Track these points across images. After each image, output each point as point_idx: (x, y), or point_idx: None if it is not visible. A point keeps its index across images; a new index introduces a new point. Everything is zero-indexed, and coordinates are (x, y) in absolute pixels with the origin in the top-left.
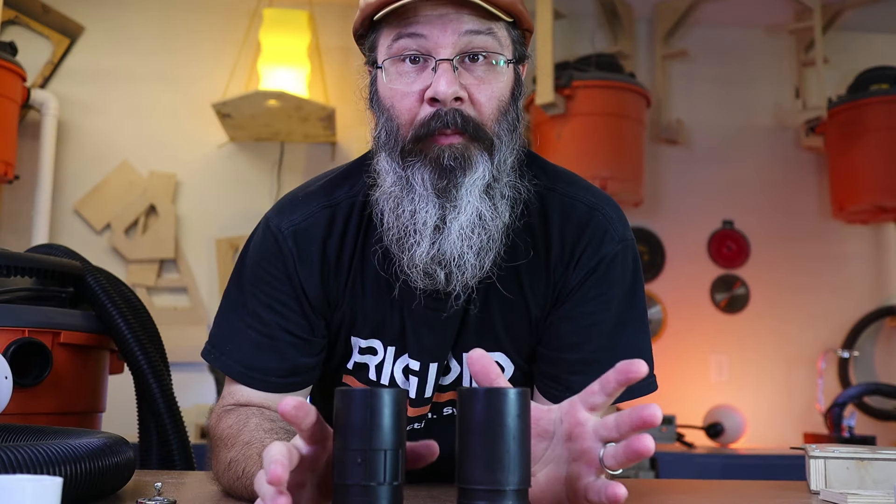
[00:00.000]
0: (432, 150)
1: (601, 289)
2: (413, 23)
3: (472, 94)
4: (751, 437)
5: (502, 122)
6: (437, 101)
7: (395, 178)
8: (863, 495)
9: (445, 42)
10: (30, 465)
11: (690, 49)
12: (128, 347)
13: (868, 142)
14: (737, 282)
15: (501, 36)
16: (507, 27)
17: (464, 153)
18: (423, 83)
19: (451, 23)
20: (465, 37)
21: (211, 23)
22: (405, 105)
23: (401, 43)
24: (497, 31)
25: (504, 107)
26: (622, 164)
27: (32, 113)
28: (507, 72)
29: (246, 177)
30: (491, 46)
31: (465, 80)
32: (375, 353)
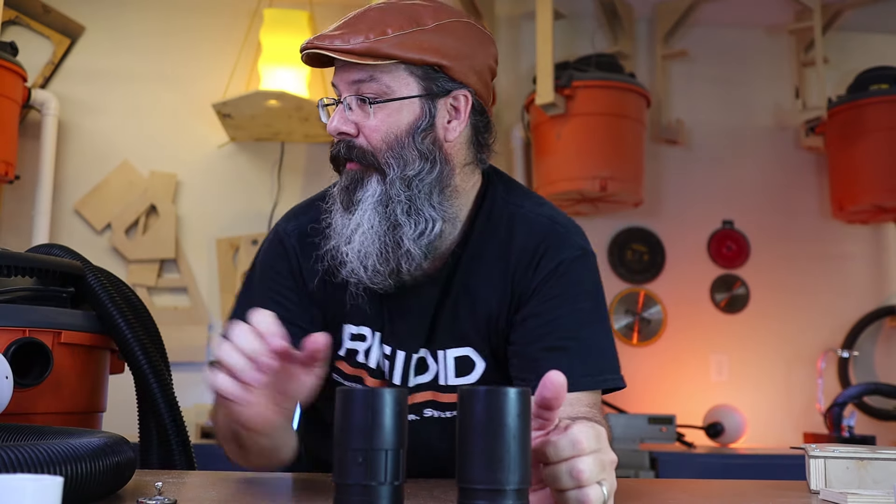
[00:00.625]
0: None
1: (562, 288)
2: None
3: (360, 127)
4: (751, 437)
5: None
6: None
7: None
8: (863, 495)
9: (343, 88)
10: (30, 465)
11: (690, 49)
12: (128, 347)
13: (868, 142)
14: (737, 282)
15: (389, 78)
16: (406, 67)
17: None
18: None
19: (344, 73)
20: (353, 84)
21: (211, 23)
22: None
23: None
24: (382, 76)
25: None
26: (622, 164)
27: (33, 113)
28: (402, 107)
29: (246, 177)
30: (375, 90)
31: (355, 117)
32: (364, 339)
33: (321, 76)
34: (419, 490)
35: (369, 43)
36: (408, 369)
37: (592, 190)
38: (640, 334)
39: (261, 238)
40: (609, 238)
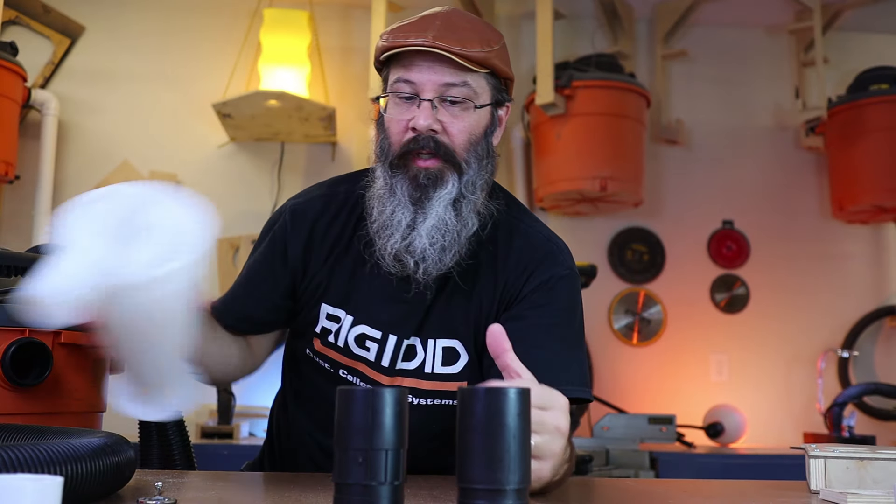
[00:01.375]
0: (412, 169)
1: (547, 299)
2: (409, 71)
3: (446, 127)
4: (751, 437)
5: (472, 152)
6: (416, 129)
7: (383, 184)
8: (863, 495)
9: (429, 87)
10: (30, 464)
11: (690, 49)
12: None
13: (868, 142)
14: (737, 282)
15: (477, 85)
16: (486, 77)
17: (437, 174)
18: (410, 115)
19: (434, 74)
20: (443, 86)
21: (211, 23)
22: (396, 129)
23: (399, 84)
24: (472, 81)
25: (475, 140)
26: (622, 164)
27: (33, 113)
28: (481, 113)
29: (246, 177)
30: (464, 94)
31: (441, 116)
32: (339, 320)
33: (321, 76)
34: (419, 490)
35: (484, 53)
36: (397, 354)
37: (592, 190)
38: (640, 334)
39: None
40: (609, 238)
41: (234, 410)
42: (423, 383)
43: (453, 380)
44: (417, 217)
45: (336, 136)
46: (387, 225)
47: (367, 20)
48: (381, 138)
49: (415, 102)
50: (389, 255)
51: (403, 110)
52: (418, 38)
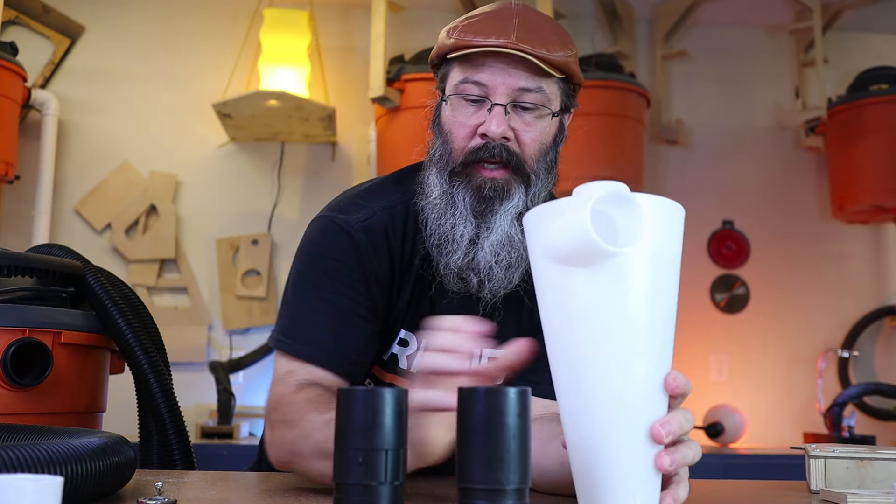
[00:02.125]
0: (476, 178)
1: None
2: (479, 71)
3: (518, 135)
4: (751, 437)
5: (541, 162)
6: (487, 136)
7: (441, 193)
8: (863, 495)
9: (502, 91)
10: (30, 465)
11: (690, 49)
12: (128, 347)
13: (868, 142)
14: (737, 282)
15: (550, 91)
16: (557, 82)
17: (503, 186)
18: (478, 119)
19: (509, 77)
20: (517, 91)
21: (211, 23)
22: (461, 134)
23: (466, 86)
24: (546, 88)
25: (545, 149)
26: (622, 164)
27: (33, 113)
28: (553, 121)
29: (246, 177)
30: (539, 101)
31: (513, 123)
32: (408, 345)
33: (321, 76)
34: (419, 490)
35: (565, 58)
36: None
37: None
38: None
39: (261, 238)
40: None
41: (234, 410)
42: None
43: None
44: (481, 231)
45: (336, 136)
46: (448, 239)
47: (367, 20)
48: (440, 142)
49: (483, 106)
50: (453, 273)
51: (470, 114)
52: (500, 39)
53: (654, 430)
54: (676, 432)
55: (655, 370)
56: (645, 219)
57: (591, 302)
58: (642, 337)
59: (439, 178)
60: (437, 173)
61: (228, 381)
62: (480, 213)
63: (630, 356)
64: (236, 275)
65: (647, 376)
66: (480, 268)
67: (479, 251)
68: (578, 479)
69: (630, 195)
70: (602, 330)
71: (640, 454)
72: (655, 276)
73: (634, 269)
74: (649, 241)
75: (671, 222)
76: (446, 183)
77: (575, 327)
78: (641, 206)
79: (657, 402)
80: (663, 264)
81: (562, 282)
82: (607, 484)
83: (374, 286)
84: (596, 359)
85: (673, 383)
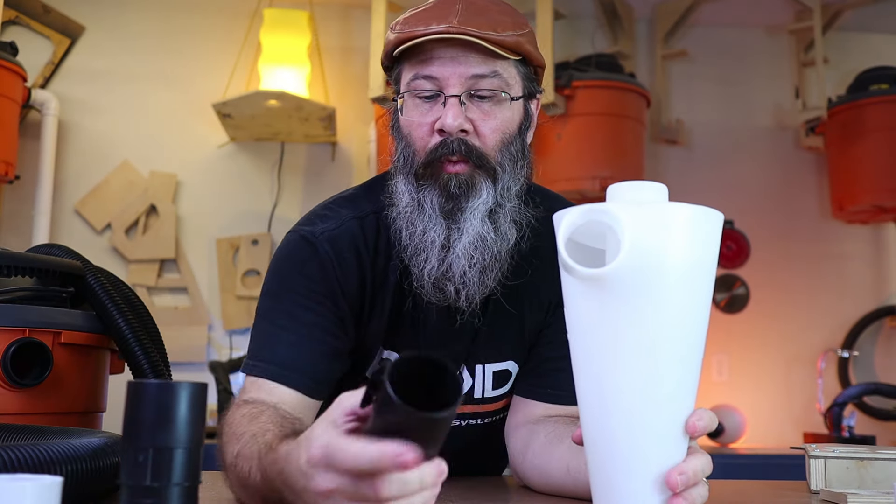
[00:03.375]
0: (441, 176)
1: None
2: (428, 65)
3: (477, 126)
4: (751, 437)
5: (506, 153)
6: (444, 131)
7: (409, 199)
8: (863, 495)
9: (454, 81)
10: (30, 465)
11: (690, 49)
12: (128, 347)
13: (868, 142)
14: (737, 282)
15: (508, 75)
16: (515, 65)
17: (468, 180)
18: (434, 116)
19: (459, 66)
20: (471, 79)
21: (211, 23)
22: (419, 133)
23: (417, 82)
24: (502, 71)
25: (508, 139)
26: (622, 164)
27: (33, 113)
28: (514, 107)
29: (246, 177)
30: (496, 86)
31: (471, 114)
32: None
33: (321, 76)
34: None
35: (516, 37)
36: None
37: (592, 190)
38: None
39: (261, 238)
40: None
41: None
42: (468, 408)
43: (503, 398)
44: (452, 233)
45: (336, 136)
46: (420, 248)
47: (367, 20)
48: (402, 147)
49: (438, 101)
50: (429, 283)
51: (425, 111)
52: (441, 25)
53: (671, 480)
54: (691, 482)
55: (681, 390)
56: (625, 236)
57: (607, 317)
58: (667, 355)
59: (406, 184)
60: (404, 180)
61: (228, 381)
62: (449, 212)
63: (654, 376)
64: (236, 275)
65: (671, 396)
66: (455, 275)
67: (453, 256)
68: (596, 489)
69: (607, 212)
70: (625, 346)
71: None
72: (682, 294)
73: (664, 287)
74: (681, 254)
75: (708, 233)
76: (413, 188)
77: (596, 341)
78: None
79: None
80: (694, 281)
81: (578, 295)
82: (624, 496)
83: (341, 300)
84: (618, 377)
85: (692, 427)
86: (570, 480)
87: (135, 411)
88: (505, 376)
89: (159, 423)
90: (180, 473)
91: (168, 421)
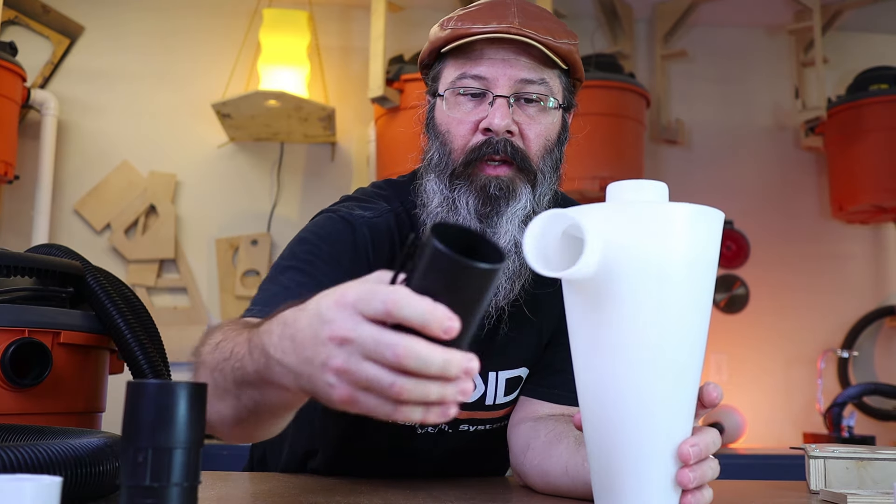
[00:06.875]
0: (479, 178)
1: None
2: (477, 64)
3: (522, 129)
4: (750, 437)
5: (547, 160)
6: (490, 130)
7: (441, 199)
8: (862, 495)
9: (504, 83)
10: (30, 465)
11: (690, 49)
12: (128, 347)
13: (867, 142)
14: (736, 282)
15: (553, 84)
16: (559, 75)
17: (509, 185)
18: (479, 115)
19: (510, 68)
20: (520, 83)
21: (211, 23)
22: (461, 131)
23: (465, 81)
24: (549, 80)
25: (550, 146)
26: (622, 164)
27: (32, 113)
28: (556, 115)
29: (246, 177)
30: (543, 92)
31: (517, 116)
32: None
33: (320, 76)
34: (418, 490)
35: (569, 46)
36: None
37: (592, 190)
38: None
39: (261, 238)
40: None
41: None
42: (478, 414)
43: (513, 404)
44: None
45: (336, 136)
46: None
47: (366, 20)
48: (437, 144)
49: (484, 100)
50: None
51: (469, 110)
52: (501, 24)
53: (683, 451)
54: (703, 454)
55: (683, 382)
56: (590, 240)
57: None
58: (670, 349)
59: (439, 183)
60: (437, 179)
61: None
62: (485, 215)
63: (655, 374)
64: (236, 275)
65: (674, 390)
66: None
67: None
68: (598, 486)
69: (569, 216)
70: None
71: (663, 464)
72: (674, 294)
73: (667, 285)
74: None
75: (709, 232)
76: (447, 188)
77: (600, 341)
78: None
79: (683, 416)
80: (694, 278)
81: (569, 296)
82: (627, 493)
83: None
84: (621, 377)
85: (708, 396)
86: (568, 480)
87: (134, 411)
88: (517, 382)
89: (159, 423)
90: (180, 473)
91: (167, 421)
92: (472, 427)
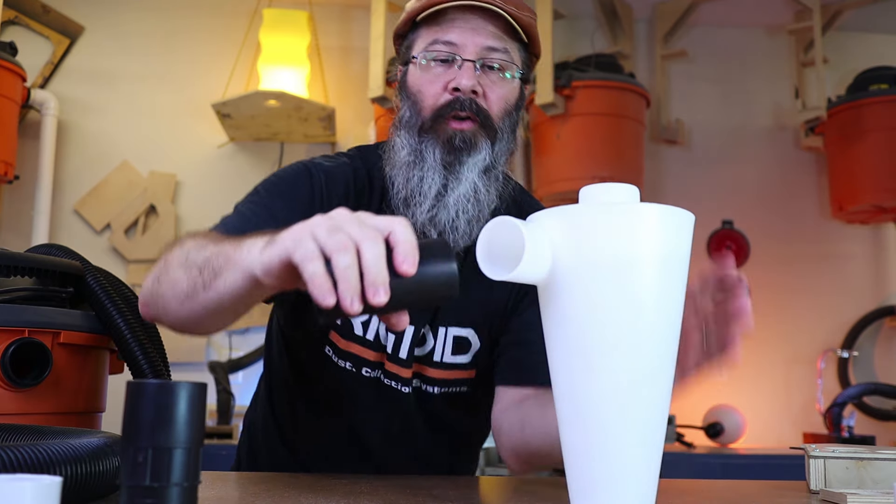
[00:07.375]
0: (446, 131)
1: None
2: (448, 31)
3: (486, 92)
4: (750, 437)
5: (506, 120)
6: (458, 90)
7: (409, 151)
8: (862, 495)
9: (471, 49)
10: (30, 465)
11: (690, 49)
12: (128, 347)
13: (867, 142)
14: None
15: (514, 55)
16: (519, 48)
17: (472, 138)
18: (447, 77)
19: (477, 36)
20: (485, 50)
21: (211, 23)
22: (431, 91)
23: (436, 46)
24: (511, 51)
25: (509, 109)
26: (622, 164)
27: (32, 113)
28: (515, 84)
29: (246, 177)
30: (506, 60)
31: (481, 80)
32: None
33: (320, 76)
34: (419, 490)
35: (530, 19)
36: (413, 343)
37: None
38: None
39: None
40: None
41: (233, 411)
42: (427, 370)
43: (462, 368)
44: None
45: (335, 136)
46: (415, 193)
47: (366, 20)
48: (408, 104)
49: (452, 65)
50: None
51: (439, 73)
52: None
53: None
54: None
55: (656, 380)
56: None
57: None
58: (643, 338)
59: (408, 137)
60: (406, 133)
61: (228, 381)
62: (449, 164)
63: (629, 375)
64: None
65: (648, 389)
66: (441, 222)
67: (442, 208)
68: (572, 476)
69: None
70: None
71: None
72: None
73: (639, 274)
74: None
75: (679, 230)
76: (415, 141)
77: (572, 326)
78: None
79: (658, 415)
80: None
81: (548, 296)
82: (602, 482)
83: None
84: (595, 361)
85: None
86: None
87: (134, 411)
88: (464, 345)
89: (159, 423)
90: (180, 473)
91: (167, 421)
92: (424, 386)
